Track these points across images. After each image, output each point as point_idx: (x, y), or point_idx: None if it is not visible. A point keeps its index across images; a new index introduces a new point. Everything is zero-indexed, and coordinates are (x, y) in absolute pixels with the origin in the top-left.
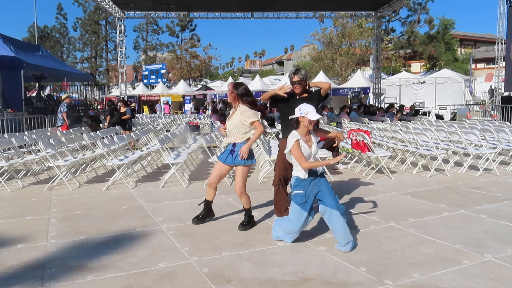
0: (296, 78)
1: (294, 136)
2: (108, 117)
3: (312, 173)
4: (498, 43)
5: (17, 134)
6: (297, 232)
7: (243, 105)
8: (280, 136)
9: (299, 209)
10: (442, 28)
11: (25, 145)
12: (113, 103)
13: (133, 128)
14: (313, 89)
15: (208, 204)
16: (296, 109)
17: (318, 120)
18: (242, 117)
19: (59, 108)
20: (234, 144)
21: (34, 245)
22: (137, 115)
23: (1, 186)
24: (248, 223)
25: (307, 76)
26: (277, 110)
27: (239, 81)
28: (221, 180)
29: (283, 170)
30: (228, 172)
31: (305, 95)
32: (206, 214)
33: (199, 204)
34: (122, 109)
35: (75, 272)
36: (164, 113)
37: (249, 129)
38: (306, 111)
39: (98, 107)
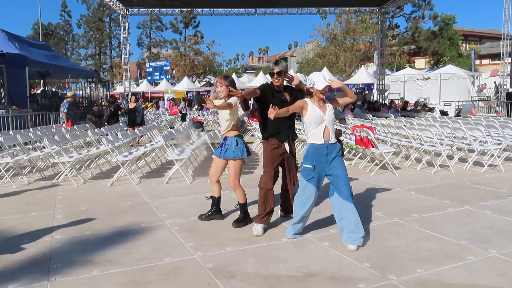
0: (277, 69)
1: (304, 100)
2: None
3: (327, 147)
4: (503, 39)
5: (22, 131)
6: (309, 203)
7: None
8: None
9: (309, 184)
10: (444, 24)
11: (30, 141)
12: (115, 99)
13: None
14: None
15: (213, 200)
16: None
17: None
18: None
19: (61, 108)
20: (225, 138)
21: (40, 241)
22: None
23: (7, 183)
24: (243, 220)
25: (287, 68)
26: (257, 111)
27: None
28: (220, 174)
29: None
30: (224, 167)
31: (284, 92)
32: (215, 211)
33: (207, 199)
34: (132, 104)
35: (81, 267)
36: (167, 110)
37: (236, 115)
38: (313, 82)
39: (103, 103)
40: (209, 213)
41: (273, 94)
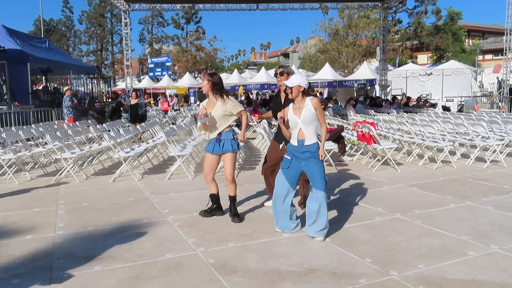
0: (279, 70)
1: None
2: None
3: (301, 147)
4: (506, 34)
5: (25, 127)
6: (278, 197)
7: (225, 96)
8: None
9: (281, 173)
10: (449, 19)
11: (32, 137)
12: (117, 96)
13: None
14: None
15: (213, 198)
16: None
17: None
18: (229, 106)
19: (63, 103)
20: (219, 134)
21: (43, 236)
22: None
23: (10, 179)
24: (238, 213)
25: (290, 73)
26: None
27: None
28: (215, 171)
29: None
30: (218, 162)
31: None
32: (216, 208)
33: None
34: (133, 101)
35: (83, 262)
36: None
37: (233, 117)
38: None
39: (109, 100)
40: (209, 209)
41: (274, 100)
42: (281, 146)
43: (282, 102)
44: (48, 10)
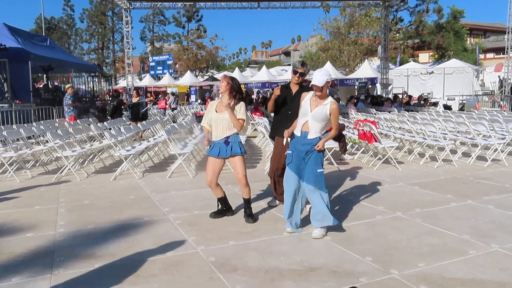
0: (301, 70)
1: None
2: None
3: (304, 139)
4: (508, 33)
5: (26, 125)
6: (288, 193)
7: (239, 101)
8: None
9: (287, 169)
10: (451, 18)
11: (33, 136)
12: (118, 94)
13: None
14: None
15: (221, 201)
16: None
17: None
18: (239, 110)
19: (64, 101)
20: (227, 136)
21: (43, 234)
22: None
23: (11, 176)
24: (253, 213)
25: (307, 73)
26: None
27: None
28: (218, 176)
29: (277, 163)
30: (222, 166)
31: (297, 88)
32: (227, 209)
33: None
34: (134, 99)
35: (83, 260)
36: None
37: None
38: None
39: (110, 99)
40: (219, 210)
41: (283, 92)
42: (284, 141)
43: (293, 93)
44: (50, 9)
